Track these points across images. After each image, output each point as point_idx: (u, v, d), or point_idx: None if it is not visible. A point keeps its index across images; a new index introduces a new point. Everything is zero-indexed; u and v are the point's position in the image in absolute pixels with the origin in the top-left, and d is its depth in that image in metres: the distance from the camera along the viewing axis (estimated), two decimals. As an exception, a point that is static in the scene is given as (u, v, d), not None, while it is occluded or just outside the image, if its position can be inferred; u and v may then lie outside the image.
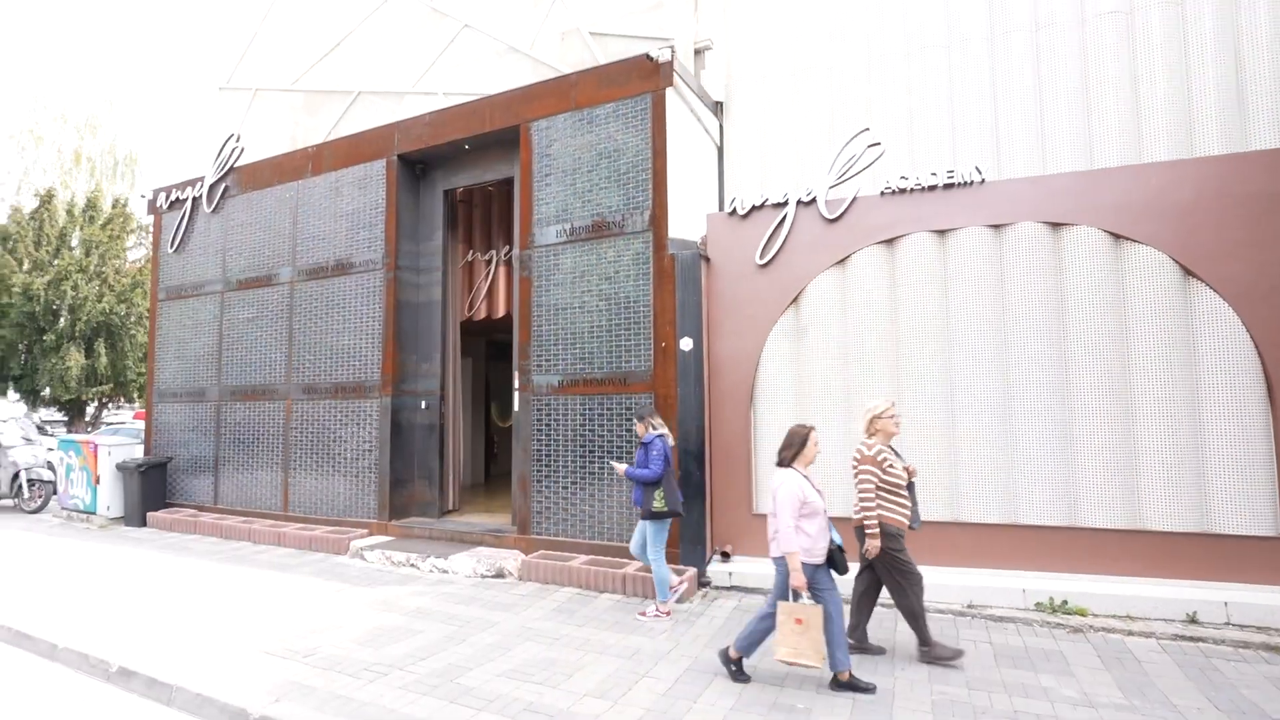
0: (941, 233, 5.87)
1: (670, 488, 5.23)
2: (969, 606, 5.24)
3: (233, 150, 9.19)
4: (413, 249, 8.28)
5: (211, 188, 9.40)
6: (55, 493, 10.07)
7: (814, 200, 6.22)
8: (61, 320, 16.92)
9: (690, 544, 6.12)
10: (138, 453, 9.77)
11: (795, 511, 3.91)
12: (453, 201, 8.64)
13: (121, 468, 9.16)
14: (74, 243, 18.08)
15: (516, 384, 7.22)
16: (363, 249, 8.21)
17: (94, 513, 9.28)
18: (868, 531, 4.30)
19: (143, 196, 10.40)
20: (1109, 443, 5.35)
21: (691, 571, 5.86)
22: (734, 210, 6.45)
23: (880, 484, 4.36)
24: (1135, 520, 5.26)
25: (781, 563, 3.98)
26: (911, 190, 5.94)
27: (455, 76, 8.94)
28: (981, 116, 7.07)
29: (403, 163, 8.14)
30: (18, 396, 18.07)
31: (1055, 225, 5.57)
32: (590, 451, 6.66)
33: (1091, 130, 6.70)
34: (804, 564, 3.86)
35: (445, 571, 6.60)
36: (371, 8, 9.63)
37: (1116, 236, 5.41)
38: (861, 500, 4.36)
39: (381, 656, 4.44)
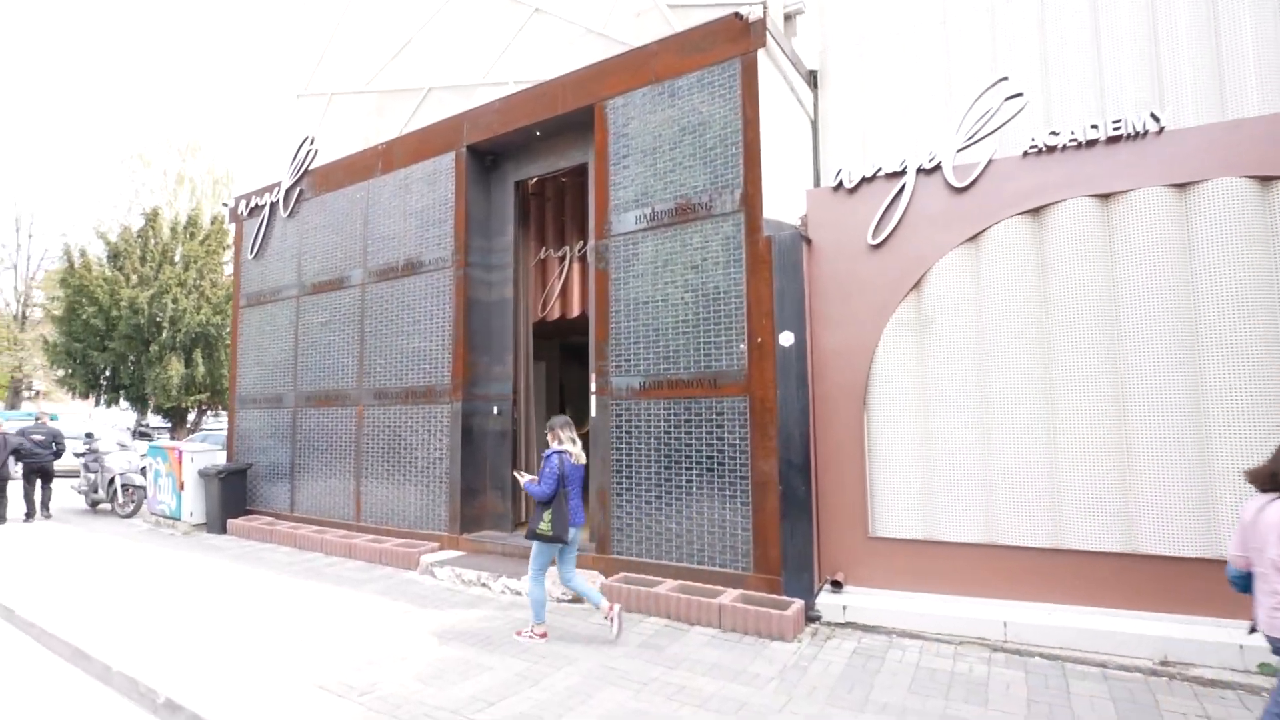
0: (1104, 197, 4.79)
1: (560, 511, 4.66)
2: (1163, 664, 4.13)
3: (308, 153, 9.09)
4: (483, 245, 7.83)
5: (287, 192, 9.34)
6: (147, 497, 10.26)
7: (938, 167, 5.26)
8: (164, 332, 17.81)
9: (795, 571, 5.26)
10: (220, 459, 9.81)
11: None
12: (524, 194, 8.16)
13: (203, 474, 9.18)
14: (176, 258, 19.09)
15: (593, 387, 6.59)
16: (432, 246, 7.83)
17: (179, 518, 9.34)
18: None
19: (224, 205, 10.54)
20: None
21: (797, 605, 5.01)
22: (840, 183, 5.58)
23: None
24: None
25: None
26: (1064, 147, 4.89)
27: (527, 65, 8.48)
28: (1137, 58, 5.88)
29: (472, 155, 7.71)
30: (127, 405, 19.19)
31: (1265, 180, 4.40)
32: (676, 462, 5.92)
33: (1292, 67, 5.41)
34: None
35: (518, 594, 6.01)
36: (442, 1, 9.35)
37: (1357, 189, 4.20)
38: None
39: (445, 698, 3.85)
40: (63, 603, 5.76)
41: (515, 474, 5.30)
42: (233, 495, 9.24)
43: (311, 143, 9.08)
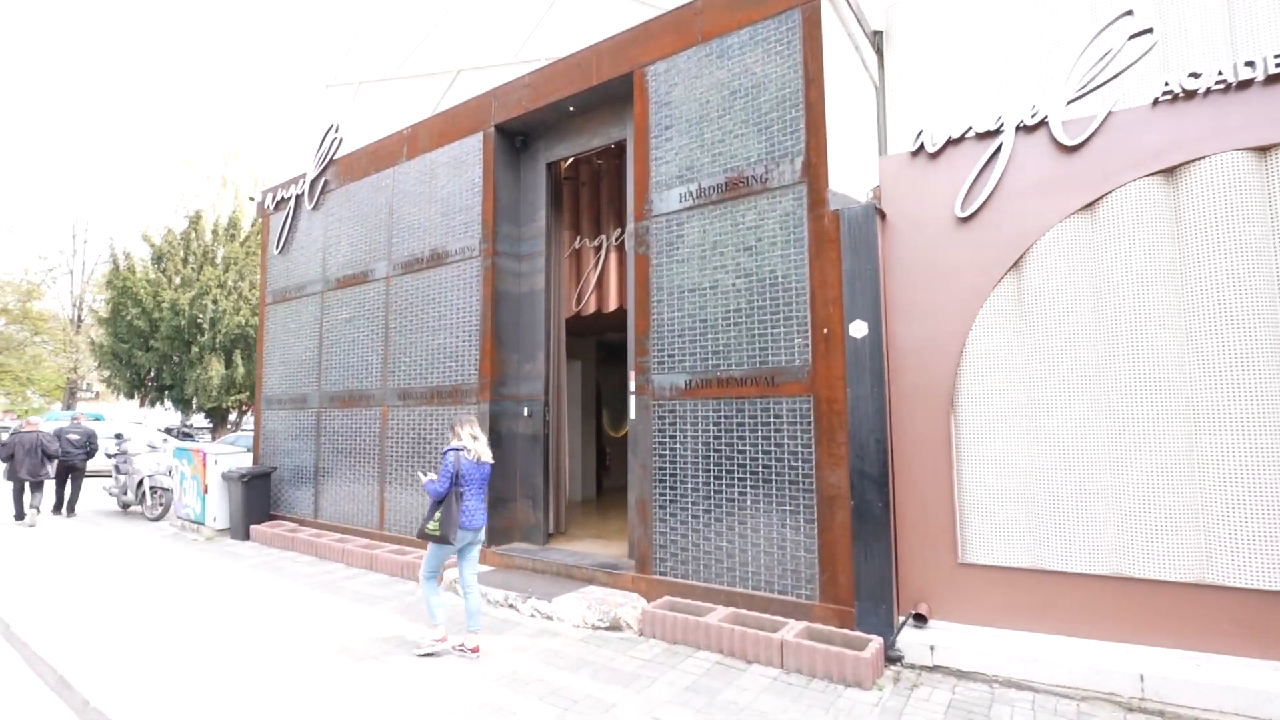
0: (1263, 150, 3.89)
1: (449, 512, 4.42)
2: (1367, 740, 3.22)
3: (333, 142, 8.66)
4: (513, 232, 7.23)
5: (312, 183, 8.94)
6: (175, 500, 10.00)
7: (1043, 123, 4.42)
8: (204, 333, 17.86)
9: (870, 601, 4.48)
10: (247, 462, 9.46)
11: None
12: (556, 178, 7.54)
13: (226, 478, 8.82)
14: (218, 260, 19.17)
15: (632, 386, 5.91)
16: (458, 235, 7.27)
17: (203, 523, 9.00)
18: None
19: (250, 199, 10.23)
20: None
21: (875, 644, 4.22)
22: (920, 147, 4.77)
23: None
24: None
25: None
26: (1208, 91, 4.00)
27: (562, 41, 7.88)
28: (1284, -5, 4.91)
29: (501, 135, 7.13)
30: (169, 405, 19.33)
31: None
32: (728, 471, 5.19)
33: None
34: None
35: (549, 618, 5.36)
36: (470, -21, 8.85)
37: None
38: None
39: (458, 758, 3.20)
40: (63, 617, 5.35)
41: (419, 474, 5.32)
42: (256, 500, 8.87)
43: (336, 131, 8.65)
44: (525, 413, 7.05)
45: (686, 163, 5.59)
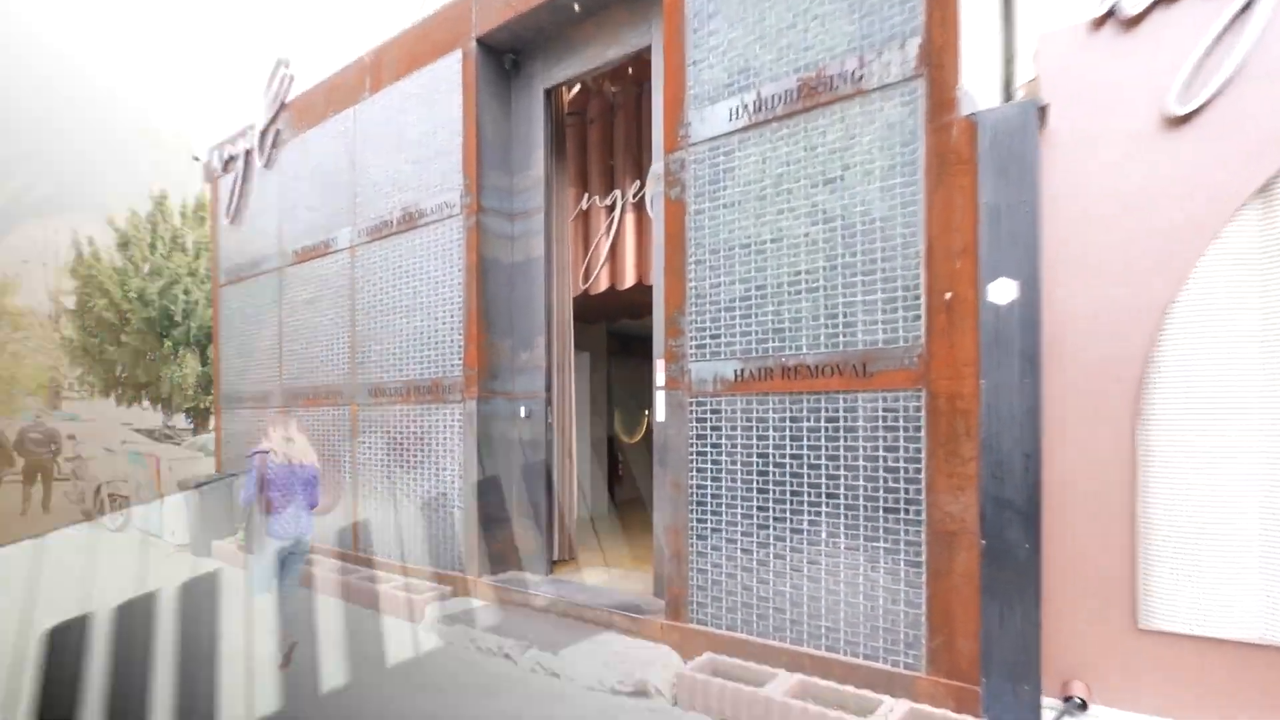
0: None
1: (251, 521, 4.18)
2: None
3: (282, 80, 7.13)
4: (503, 183, 5.73)
5: (262, 134, 7.42)
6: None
7: (1307, -36, 2.87)
8: (177, 326, 16.48)
9: (1006, 678, 3.08)
10: (207, 467, 8.13)
11: None
12: (558, 111, 5.98)
13: (182, 486, 7.48)
14: (188, 245, 17.68)
15: (659, 379, 4.47)
16: (434, 189, 5.78)
17: (160, 537, 7.71)
18: None
19: (195, 159, 8.74)
20: None
21: None
22: (1109, 13, 3.21)
23: None
24: None
25: None
26: None
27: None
28: None
29: (485, 52, 5.58)
30: (148, 404, 18.04)
31: None
32: (794, 492, 3.76)
33: None
34: None
35: (554, 675, 4.01)
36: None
37: None
38: None
39: None
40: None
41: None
42: (219, 512, 7.54)
43: (286, 67, 7.10)
44: (523, 413, 5.61)
45: (739, 64, 4.04)
